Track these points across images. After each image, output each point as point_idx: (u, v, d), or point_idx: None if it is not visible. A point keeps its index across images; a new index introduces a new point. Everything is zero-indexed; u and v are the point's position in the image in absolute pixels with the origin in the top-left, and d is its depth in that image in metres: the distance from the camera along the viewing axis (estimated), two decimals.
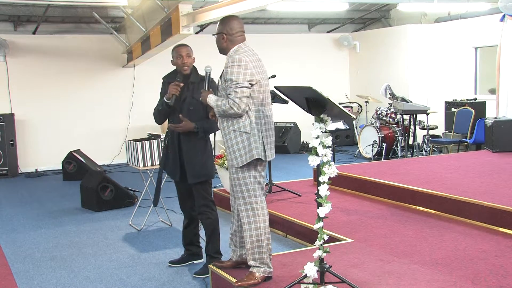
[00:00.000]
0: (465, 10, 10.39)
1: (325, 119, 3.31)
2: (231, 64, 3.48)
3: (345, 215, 5.45)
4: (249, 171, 3.57)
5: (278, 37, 11.81)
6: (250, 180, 3.57)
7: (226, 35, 3.59)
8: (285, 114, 10.68)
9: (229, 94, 3.45)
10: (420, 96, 10.80)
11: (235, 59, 3.48)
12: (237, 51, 3.55)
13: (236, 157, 3.54)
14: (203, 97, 3.71)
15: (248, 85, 3.47)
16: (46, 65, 10.30)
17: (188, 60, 4.34)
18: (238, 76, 3.45)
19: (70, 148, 9.45)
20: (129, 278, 4.52)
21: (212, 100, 3.60)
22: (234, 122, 3.53)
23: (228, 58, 3.55)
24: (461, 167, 6.84)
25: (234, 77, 3.45)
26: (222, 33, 3.60)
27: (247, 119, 3.53)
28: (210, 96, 3.63)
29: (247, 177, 3.56)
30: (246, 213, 3.59)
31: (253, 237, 3.59)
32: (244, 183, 3.57)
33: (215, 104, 3.56)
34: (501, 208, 4.76)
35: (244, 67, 3.47)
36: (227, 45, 3.60)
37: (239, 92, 3.43)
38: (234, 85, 3.44)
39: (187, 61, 4.33)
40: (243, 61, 3.47)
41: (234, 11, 6.39)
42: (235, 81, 3.45)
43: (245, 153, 3.52)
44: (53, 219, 6.64)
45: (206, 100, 3.65)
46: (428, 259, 4.07)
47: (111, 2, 8.03)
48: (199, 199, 4.39)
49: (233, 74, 3.45)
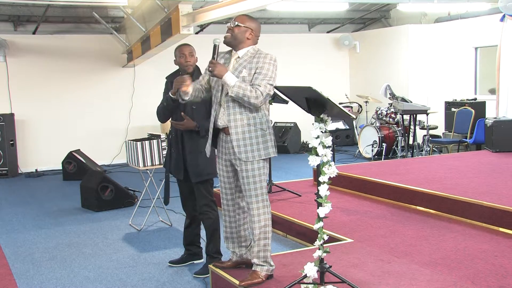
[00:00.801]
0: (465, 10, 10.39)
1: (325, 119, 3.31)
2: (269, 61, 3.50)
3: (345, 215, 5.45)
4: (264, 167, 3.57)
5: (278, 37, 11.81)
6: (263, 178, 3.57)
7: (253, 32, 3.60)
8: (285, 114, 10.69)
9: (258, 85, 3.43)
10: (420, 96, 10.80)
11: (273, 58, 3.53)
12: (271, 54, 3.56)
13: (247, 151, 3.51)
14: (219, 70, 3.45)
15: (274, 85, 3.53)
16: (46, 65, 10.31)
17: (191, 59, 4.36)
18: (272, 74, 3.50)
19: (70, 148, 9.45)
20: (129, 278, 4.52)
21: (233, 79, 3.43)
22: (251, 116, 3.51)
23: (264, 55, 3.53)
24: (461, 167, 6.84)
25: (270, 73, 3.48)
26: (251, 29, 3.59)
27: (264, 116, 3.56)
28: (229, 73, 3.45)
29: (262, 174, 3.56)
30: (258, 211, 3.56)
31: (261, 234, 3.58)
32: (259, 180, 3.55)
33: (238, 85, 3.42)
34: (501, 208, 4.76)
35: (276, 67, 3.54)
36: (246, 41, 3.57)
37: (268, 88, 3.46)
38: (267, 80, 3.46)
39: (190, 60, 4.35)
40: (277, 62, 3.55)
41: (234, 11, 6.39)
42: (269, 77, 3.47)
43: (259, 149, 3.52)
44: (53, 219, 6.64)
45: (223, 74, 3.44)
46: (428, 259, 4.07)
47: (111, 2, 8.03)
48: (200, 199, 4.39)
49: (269, 70, 3.49)
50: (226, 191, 3.73)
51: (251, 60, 3.52)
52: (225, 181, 3.72)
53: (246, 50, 3.57)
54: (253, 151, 3.51)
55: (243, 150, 3.52)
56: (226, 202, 3.76)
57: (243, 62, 3.54)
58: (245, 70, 3.50)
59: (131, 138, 6.22)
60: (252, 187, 3.55)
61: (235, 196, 3.73)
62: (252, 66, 3.50)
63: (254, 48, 3.59)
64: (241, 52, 3.57)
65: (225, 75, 3.44)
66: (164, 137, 5.72)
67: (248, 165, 3.53)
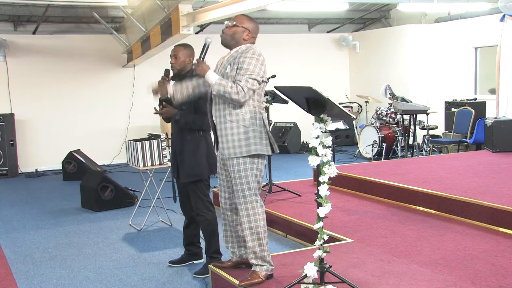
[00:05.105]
0: (465, 10, 10.39)
1: (325, 119, 3.31)
2: (251, 55, 3.46)
3: (345, 215, 5.45)
4: (251, 166, 3.51)
5: (278, 37, 11.81)
6: (250, 176, 3.50)
7: (250, 33, 3.59)
8: (285, 114, 10.69)
9: (239, 80, 3.41)
10: (420, 96, 10.80)
11: (255, 52, 3.49)
12: (254, 47, 3.54)
13: (229, 147, 3.49)
14: (201, 69, 3.49)
15: (260, 80, 3.48)
16: (46, 65, 10.31)
17: (175, 61, 4.39)
18: (255, 68, 3.45)
19: (70, 148, 9.46)
20: (129, 278, 4.52)
21: (214, 76, 3.45)
22: (233, 112, 3.48)
23: (247, 50, 3.50)
24: (461, 167, 6.84)
25: (251, 68, 3.44)
26: (248, 29, 3.58)
27: (248, 113, 3.50)
28: (211, 71, 3.48)
29: (249, 172, 3.50)
30: (246, 211, 3.52)
31: (253, 235, 3.54)
32: (245, 178, 3.50)
33: (218, 82, 3.42)
34: (501, 208, 4.76)
35: (261, 62, 3.49)
36: (242, 41, 3.57)
37: (250, 83, 3.42)
38: (248, 75, 3.42)
39: (173, 62, 4.40)
40: (262, 56, 3.50)
41: (234, 11, 6.39)
42: (250, 72, 3.43)
43: (240, 146, 3.48)
44: (53, 219, 6.64)
45: (205, 72, 3.47)
46: (428, 259, 4.07)
47: (111, 2, 8.02)
48: (195, 200, 4.38)
49: (251, 65, 3.44)
50: (224, 189, 3.72)
51: (237, 56, 3.51)
52: (223, 179, 3.70)
53: (238, 47, 3.57)
54: (235, 148, 3.49)
55: (225, 146, 3.52)
56: (224, 201, 3.74)
57: (229, 58, 3.54)
58: (229, 66, 3.50)
59: (131, 138, 6.22)
60: (239, 187, 3.51)
61: (232, 196, 3.68)
62: (236, 62, 3.48)
63: (247, 45, 3.57)
64: (233, 50, 3.58)
65: (207, 73, 3.47)
66: (164, 137, 5.74)
67: (233, 161, 3.50)
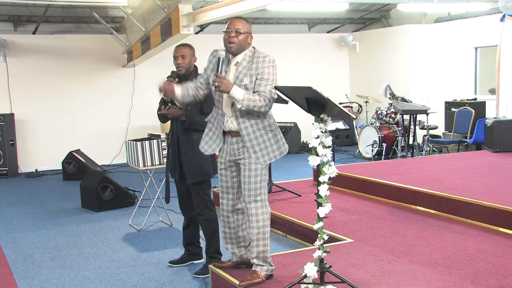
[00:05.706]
0: (465, 10, 10.39)
1: (325, 119, 3.31)
2: (268, 64, 3.50)
3: (345, 215, 5.45)
4: (266, 168, 3.63)
5: (278, 37, 11.81)
6: (264, 178, 3.60)
7: (251, 36, 3.61)
8: (285, 114, 10.66)
9: (264, 92, 3.45)
10: (420, 96, 10.79)
11: (271, 59, 3.54)
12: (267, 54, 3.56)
13: (263, 155, 3.54)
14: (225, 86, 3.39)
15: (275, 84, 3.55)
16: (46, 65, 10.30)
17: (182, 61, 4.34)
18: (274, 77, 3.52)
19: (70, 148, 9.45)
20: (129, 278, 4.52)
21: (240, 92, 3.40)
22: (259, 121, 3.53)
23: (262, 58, 3.51)
24: (461, 167, 6.84)
25: (271, 77, 3.50)
26: (249, 33, 3.60)
27: (270, 117, 3.60)
28: (235, 87, 3.41)
29: (264, 174, 3.60)
30: (256, 210, 3.57)
31: (259, 235, 3.58)
32: (260, 180, 3.57)
33: (247, 98, 3.40)
34: (501, 208, 4.76)
35: (275, 68, 3.55)
36: (247, 46, 3.58)
37: (273, 92, 3.49)
38: (270, 85, 3.48)
39: (181, 63, 4.34)
40: (275, 62, 3.55)
41: (234, 11, 6.39)
42: (271, 81, 3.49)
43: (273, 150, 3.57)
44: (53, 219, 6.64)
45: (229, 89, 3.39)
46: (428, 259, 4.07)
47: (111, 2, 8.03)
48: (197, 200, 4.39)
49: (270, 74, 3.50)
50: (228, 190, 3.73)
51: (251, 66, 3.51)
52: (227, 181, 3.71)
53: (244, 54, 3.57)
54: (269, 153, 3.56)
55: (260, 155, 3.54)
56: (226, 202, 3.76)
57: (242, 69, 3.53)
58: (246, 78, 3.50)
59: (131, 138, 6.22)
60: (252, 186, 3.56)
61: (235, 197, 3.74)
62: (253, 73, 3.50)
63: (250, 50, 3.58)
64: (239, 57, 3.57)
65: (232, 90, 3.42)
66: (164, 137, 5.73)
67: (257, 165, 3.56)
